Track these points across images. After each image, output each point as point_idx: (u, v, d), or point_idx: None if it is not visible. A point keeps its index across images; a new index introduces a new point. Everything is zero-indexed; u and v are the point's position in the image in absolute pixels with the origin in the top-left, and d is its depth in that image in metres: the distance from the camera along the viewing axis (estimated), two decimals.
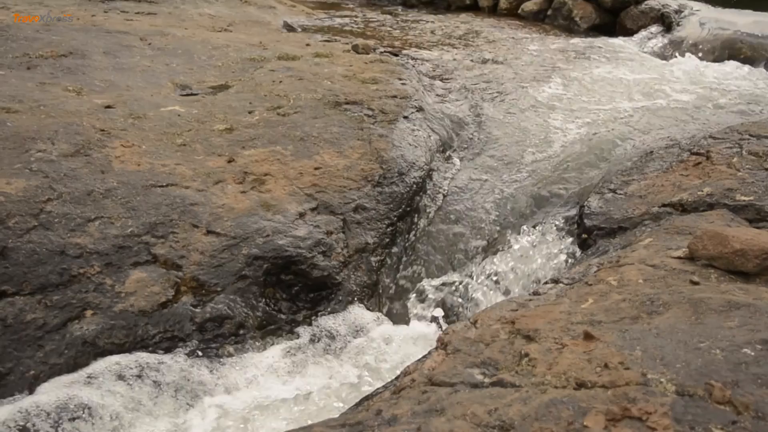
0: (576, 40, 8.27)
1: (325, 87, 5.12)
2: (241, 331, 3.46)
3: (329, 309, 3.68)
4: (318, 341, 3.50)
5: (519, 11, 10.00)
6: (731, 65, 7.32)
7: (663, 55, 7.97)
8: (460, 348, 2.46)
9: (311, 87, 5.11)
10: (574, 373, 2.13)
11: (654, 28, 8.59)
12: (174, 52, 5.74)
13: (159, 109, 4.59)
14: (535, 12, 9.84)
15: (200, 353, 3.31)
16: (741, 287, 2.59)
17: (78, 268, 3.37)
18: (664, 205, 3.78)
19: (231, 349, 3.37)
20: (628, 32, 8.77)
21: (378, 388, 2.61)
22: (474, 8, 10.45)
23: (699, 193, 3.76)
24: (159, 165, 3.99)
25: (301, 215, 3.88)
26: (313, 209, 3.94)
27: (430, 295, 3.96)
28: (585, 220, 3.94)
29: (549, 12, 9.71)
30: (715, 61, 7.51)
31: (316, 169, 4.18)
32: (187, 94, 4.97)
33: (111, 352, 3.22)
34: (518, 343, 2.41)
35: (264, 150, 4.27)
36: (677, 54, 7.86)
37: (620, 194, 4.05)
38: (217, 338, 3.39)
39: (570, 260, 3.86)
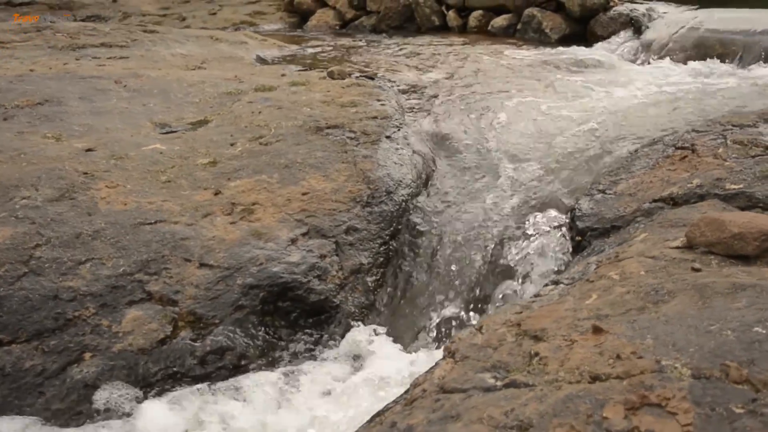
0: (548, 50, 8.32)
1: (304, 114, 5.11)
2: (243, 362, 3.41)
3: (329, 333, 3.64)
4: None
5: (489, 28, 10.04)
6: (702, 63, 7.38)
7: (635, 58, 8.02)
8: (468, 354, 2.43)
9: (291, 115, 5.10)
10: (587, 367, 2.11)
11: (624, 33, 8.65)
12: (150, 92, 5.73)
13: (140, 149, 4.56)
14: (504, 27, 9.89)
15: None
16: (743, 270, 2.58)
17: (73, 312, 3.33)
18: (654, 201, 3.78)
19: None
20: (599, 39, 8.82)
21: (388, 404, 2.57)
22: (443, 29, 10.49)
23: (689, 185, 3.76)
24: (146, 203, 3.96)
25: (293, 241, 3.85)
26: (304, 234, 3.92)
27: (428, 312, 3.94)
28: (577, 222, 3.93)
29: (519, 26, 9.75)
30: (687, 59, 7.56)
31: (303, 194, 4.16)
32: (168, 132, 4.95)
33: (112, 394, 3.18)
34: (526, 344, 2.39)
35: (250, 180, 4.24)
36: (649, 56, 7.90)
37: (610, 194, 4.05)
38: (219, 370, 3.35)
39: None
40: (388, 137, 4.85)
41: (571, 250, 3.92)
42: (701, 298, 2.36)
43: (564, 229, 4.13)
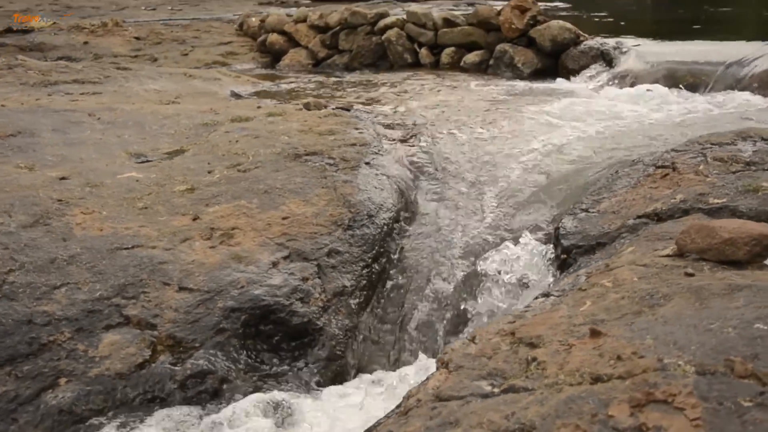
0: (521, 83, 8.39)
1: (282, 142, 5.06)
2: (225, 386, 3.31)
3: (314, 356, 3.56)
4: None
5: (461, 64, 10.08)
6: (674, 92, 7.46)
7: (606, 90, 8.07)
8: (462, 364, 2.36)
9: (269, 143, 5.05)
10: (587, 369, 2.04)
11: (596, 66, 8.71)
12: (124, 124, 5.66)
13: (116, 177, 4.48)
14: (477, 63, 9.93)
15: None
16: (737, 273, 2.54)
17: (47, 336, 3.23)
18: (639, 217, 3.75)
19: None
20: (571, 73, 8.88)
21: (380, 419, 2.50)
22: (416, 65, 10.51)
23: (672, 200, 3.74)
24: (122, 228, 3.87)
25: (275, 264, 3.78)
26: (285, 257, 3.84)
27: (414, 333, 3.87)
28: (562, 241, 3.89)
29: (491, 62, 9.80)
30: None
31: (284, 218, 4.09)
32: (143, 162, 4.87)
33: (89, 419, 3.07)
34: (522, 351, 2.33)
35: (228, 205, 4.17)
36: (622, 86, 7.96)
37: (593, 212, 4.02)
38: (200, 395, 3.25)
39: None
40: (367, 163, 4.80)
41: (556, 268, 3.87)
42: (698, 300, 2.32)
43: (546, 249, 4.09)
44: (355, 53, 11.20)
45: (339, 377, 3.56)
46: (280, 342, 3.57)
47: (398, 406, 2.44)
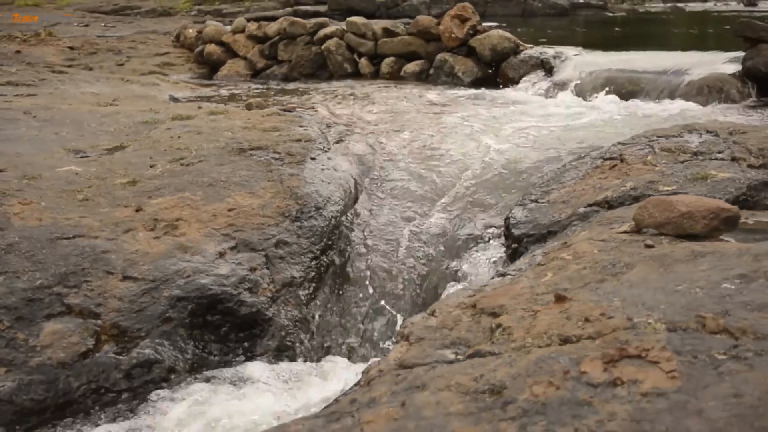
0: (462, 91, 8.42)
1: (226, 137, 4.97)
2: (173, 376, 3.21)
3: (263, 347, 3.47)
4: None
5: (401, 74, 10.06)
6: (613, 98, 7.55)
7: (547, 95, 8.14)
8: (423, 336, 2.31)
9: (212, 138, 4.95)
10: (555, 331, 2.00)
11: (536, 74, 8.77)
12: (62, 122, 5.50)
13: (54, 170, 4.34)
14: (417, 72, 9.93)
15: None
16: (697, 244, 2.53)
17: None
18: (589, 205, 3.75)
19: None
20: (511, 81, 8.93)
21: (340, 395, 2.42)
22: (356, 75, 10.47)
23: (623, 188, 3.75)
24: (62, 219, 3.74)
25: (221, 254, 3.68)
26: (232, 248, 3.75)
27: (363, 323, 3.80)
28: (513, 230, 3.87)
29: (431, 71, 9.81)
30: (598, 95, 7.72)
31: (229, 210, 4.00)
32: (82, 157, 4.73)
33: (31, 409, 2.94)
34: (485, 320, 2.28)
35: (172, 198, 4.06)
36: (562, 93, 8.04)
37: (543, 203, 4.01)
38: (147, 384, 3.13)
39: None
40: (313, 158, 4.74)
41: (507, 257, 3.85)
42: (662, 266, 2.30)
43: (494, 241, 4.07)
44: (294, 63, 11.12)
45: None
46: (229, 332, 3.48)
47: (359, 380, 2.37)
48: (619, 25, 15.87)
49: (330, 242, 4.10)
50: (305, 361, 3.51)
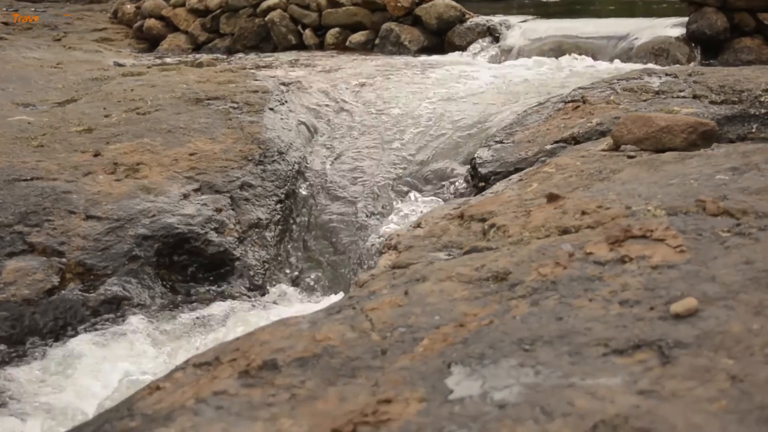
0: (409, 57, 8.39)
1: (181, 89, 4.87)
2: (142, 313, 3.12)
3: (232, 286, 3.40)
4: None
5: (347, 44, 9.98)
6: (562, 59, 7.58)
7: (496, 61, 8.14)
8: (412, 244, 2.27)
9: (167, 90, 4.85)
10: (553, 224, 1.98)
11: (483, 41, 8.77)
12: (7, 78, 5.34)
13: (5, 119, 4.21)
14: (363, 42, 9.85)
15: None
16: (681, 152, 2.53)
17: None
18: (556, 142, 3.74)
19: None
20: (458, 49, 8.89)
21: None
22: (301, 47, 10.34)
23: (589, 124, 3.75)
24: (18, 162, 3.62)
25: (185, 196, 3.61)
26: (196, 190, 3.67)
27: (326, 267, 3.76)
28: (480, 169, 3.84)
29: (377, 41, 9.74)
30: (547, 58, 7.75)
31: (191, 155, 3.91)
32: (32, 110, 4.60)
33: None
34: (475, 225, 2.25)
35: (130, 143, 3.96)
36: (510, 58, 8.06)
37: (508, 143, 4.00)
38: (117, 320, 3.05)
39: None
40: (271, 109, 4.66)
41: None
42: (651, 168, 2.29)
43: (458, 181, 4.05)
44: (237, 36, 10.96)
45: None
46: (196, 273, 3.41)
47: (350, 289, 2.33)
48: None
49: (293, 187, 4.04)
50: (274, 302, 3.45)
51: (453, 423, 1.24)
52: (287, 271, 3.67)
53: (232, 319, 3.08)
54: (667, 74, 4.31)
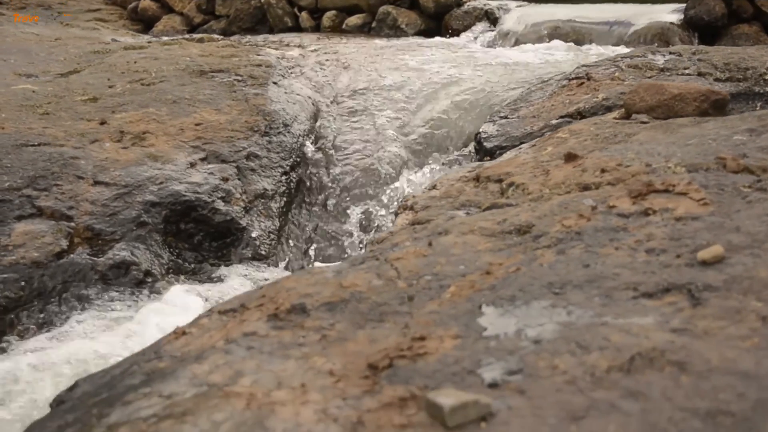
0: (407, 39, 8.38)
1: (185, 62, 4.86)
2: (149, 279, 3.13)
3: (238, 255, 3.41)
4: None
5: (343, 26, 9.97)
6: (560, 44, 7.57)
7: (493, 45, 8.14)
8: (429, 204, 2.29)
9: (171, 62, 4.84)
10: (573, 181, 2.00)
11: (480, 26, 8.76)
12: (8, 50, 5.32)
13: (10, 87, 4.19)
14: (359, 25, 9.84)
15: None
16: (694, 118, 2.55)
17: None
18: (561, 117, 3.75)
19: None
20: (455, 32, 8.89)
21: None
22: (297, 29, 10.33)
23: (594, 100, 3.77)
24: (25, 128, 3.62)
25: (192, 165, 3.61)
26: (203, 159, 3.67)
27: (332, 238, 3.76)
28: (485, 144, 3.85)
29: (373, 24, 9.73)
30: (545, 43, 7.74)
31: (197, 125, 3.91)
32: (35, 80, 4.58)
33: (7, 308, 2.84)
34: (492, 186, 2.27)
35: (136, 113, 3.96)
36: (507, 42, 8.06)
37: (513, 118, 4.01)
38: (125, 285, 3.05)
39: None
40: (275, 83, 4.66)
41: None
42: (667, 131, 2.31)
43: (461, 155, 4.07)
44: (233, 18, 10.93)
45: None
46: (203, 241, 3.41)
47: (362, 252, 2.34)
48: None
49: (298, 159, 4.04)
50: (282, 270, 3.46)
51: (490, 356, 1.25)
52: (291, 242, 3.68)
53: (240, 286, 3.09)
54: (671, 53, 4.34)
